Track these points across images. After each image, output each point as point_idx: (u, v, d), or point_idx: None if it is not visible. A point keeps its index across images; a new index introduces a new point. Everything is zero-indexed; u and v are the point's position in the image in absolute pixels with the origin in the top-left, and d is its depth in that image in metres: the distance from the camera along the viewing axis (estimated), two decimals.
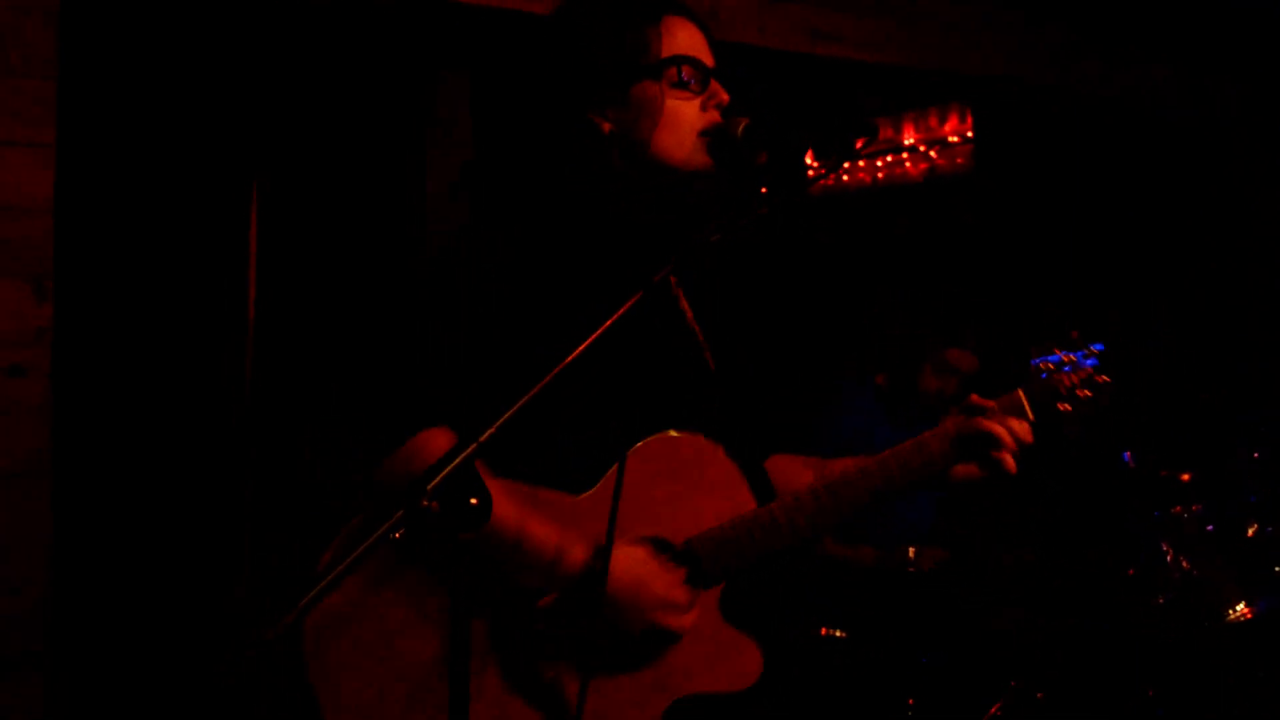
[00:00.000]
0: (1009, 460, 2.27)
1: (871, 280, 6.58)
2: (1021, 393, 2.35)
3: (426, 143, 5.17)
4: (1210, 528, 4.28)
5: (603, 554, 2.11)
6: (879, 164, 7.26)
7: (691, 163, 2.25)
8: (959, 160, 6.97)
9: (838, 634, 4.30)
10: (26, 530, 3.57)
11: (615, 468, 2.18)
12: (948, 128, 7.00)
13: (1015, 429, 2.28)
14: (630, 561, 2.17)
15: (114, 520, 4.53)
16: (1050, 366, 2.37)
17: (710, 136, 2.24)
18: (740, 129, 2.21)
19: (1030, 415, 2.33)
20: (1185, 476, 4.47)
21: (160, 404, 4.66)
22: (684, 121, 2.25)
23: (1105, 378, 2.36)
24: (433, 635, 2.17)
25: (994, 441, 2.27)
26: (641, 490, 2.21)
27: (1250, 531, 4.31)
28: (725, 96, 2.27)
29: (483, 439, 1.73)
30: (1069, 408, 2.36)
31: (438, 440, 2.16)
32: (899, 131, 7.15)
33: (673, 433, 2.25)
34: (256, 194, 4.82)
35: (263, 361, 4.79)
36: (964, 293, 5.93)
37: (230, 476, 4.73)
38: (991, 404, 2.31)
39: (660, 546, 2.22)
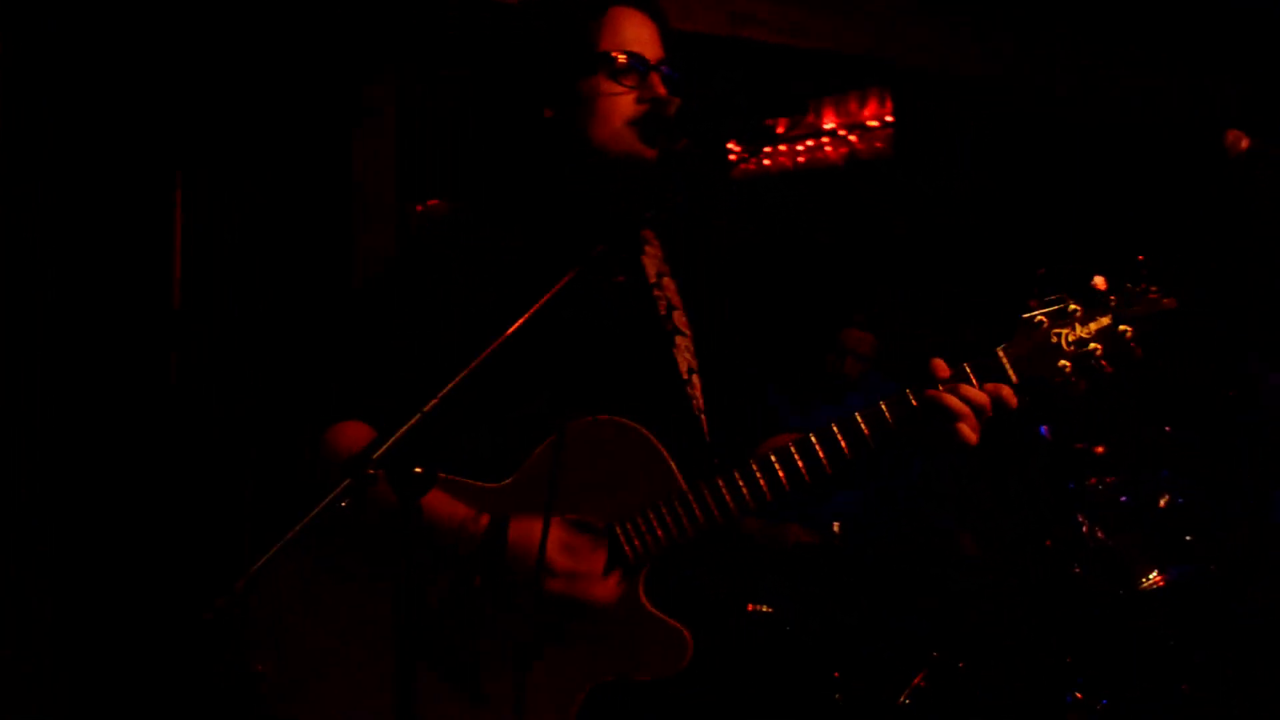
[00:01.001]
0: (965, 432, 2.09)
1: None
2: (1001, 353, 2.14)
3: (353, 131, 5.17)
4: (1124, 499, 4.40)
5: (503, 521, 2.12)
6: (799, 148, 7.33)
7: (625, 150, 2.31)
8: (878, 144, 7.06)
9: (764, 609, 4.36)
10: None
11: (534, 454, 2.20)
12: (867, 112, 7.09)
13: (974, 398, 2.09)
14: (529, 528, 2.12)
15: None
16: (1045, 318, 2.14)
17: (639, 124, 2.30)
18: (672, 109, 2.27)
19: (1013, 377, 2.13)
20: (1100, 449, 4.58)
21: (107, 402, 4.61)
22: (618, 113, 2.31)
23: (1127, 327, 2.12)
24: (375, 612, 2.18)
25: (948, 414, 2.09)
26: (562, 475, 2.11)
27: (1162, 502, 4.43)
28: (662, 91, 2.32)
29: (427, 409, 1.80)
30: (1070, 365, 2.12)
31: (351, 431, 2.23)
32: (819, 116, 7.23)
33: (597, 417, 2.21)
34: (181, 182, 4.82)
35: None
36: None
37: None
38: (946, 372, 2.13)
39: (580, 527, 2.18)
